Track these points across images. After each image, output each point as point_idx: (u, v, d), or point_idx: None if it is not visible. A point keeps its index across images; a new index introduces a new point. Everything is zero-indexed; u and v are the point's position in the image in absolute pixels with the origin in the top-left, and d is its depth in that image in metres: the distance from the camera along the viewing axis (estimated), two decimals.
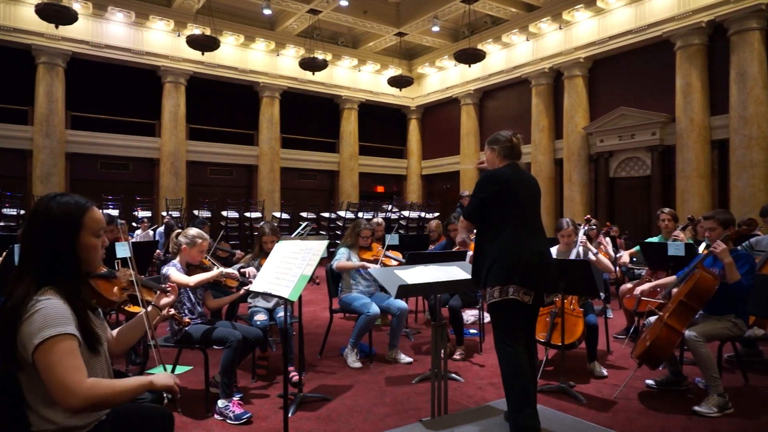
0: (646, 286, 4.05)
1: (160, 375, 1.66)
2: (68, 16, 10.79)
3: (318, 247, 3.02)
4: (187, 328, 3.50)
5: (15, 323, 1.49)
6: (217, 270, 3.71)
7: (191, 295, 3.68)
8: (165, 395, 1.68)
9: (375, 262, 4.95)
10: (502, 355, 2.74)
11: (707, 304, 3.53)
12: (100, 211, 1.76)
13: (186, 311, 3.63)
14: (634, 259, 6.23)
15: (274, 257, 3.21)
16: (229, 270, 3.79)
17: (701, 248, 4.69)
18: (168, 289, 2.18)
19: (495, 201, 2.79)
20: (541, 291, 2.79)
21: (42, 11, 10.52)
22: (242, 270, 4.09)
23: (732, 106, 11.08)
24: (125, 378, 1.65)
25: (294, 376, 3.79)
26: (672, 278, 4.04)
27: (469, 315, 6.22)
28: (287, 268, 3.01)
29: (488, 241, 2.81)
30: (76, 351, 1.52)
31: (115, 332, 1.95)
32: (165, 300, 2.16)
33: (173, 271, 3.55)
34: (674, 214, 5.54)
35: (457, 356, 4.74)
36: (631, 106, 12.95)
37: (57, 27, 11.35)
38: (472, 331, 5.66)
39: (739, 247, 4.40)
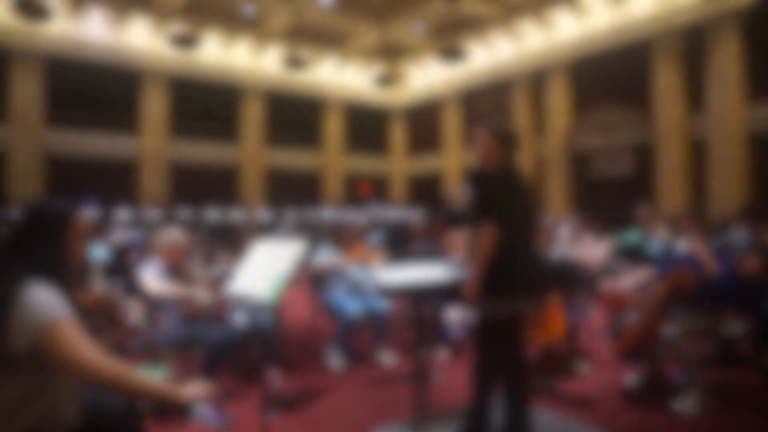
0: (627, 282, 4.09)
1: (195, 386, 1.69)
2: (44, 13, 10.59)
3: (297, 248, 2.99)
4: (165, 329, 3.44)
5: (3, 312, 1.52)
6: (184, 289, 3.57)
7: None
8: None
9: (359, 262, 4.92)
10: (486, 387, 2.70)
11: (685, 299, 3.57)
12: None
13: (164, 312, 3.57)
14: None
15: (253, 259, 3.17)
16: (200, 295, 3.55)
17: (679, 245, 4.75)
18: (129, 307, 2.17)
19: (501, 204, 2.58)
20: (536, 297, 2.80)
21: (17, 7, 10.31)
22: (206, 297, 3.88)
23: (710, 106, 11.28)
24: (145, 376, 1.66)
25: (275, 382, 3.74)
26: (651, 274, 4.07)
27: (452, 315, 6.20)
28: (267, 270, 2.97)
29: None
30: (81, 331, 1.57)
31: None
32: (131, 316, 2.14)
33: (148, 273, 3.50)
34: (653, 211, 5.61)
35: (439, 357, 4.74)
36: (612, 107, 13.10)
37: (33, 25, 11.12)
38: (455, 331, 5.65)
39: (715, 244, 4.46)
